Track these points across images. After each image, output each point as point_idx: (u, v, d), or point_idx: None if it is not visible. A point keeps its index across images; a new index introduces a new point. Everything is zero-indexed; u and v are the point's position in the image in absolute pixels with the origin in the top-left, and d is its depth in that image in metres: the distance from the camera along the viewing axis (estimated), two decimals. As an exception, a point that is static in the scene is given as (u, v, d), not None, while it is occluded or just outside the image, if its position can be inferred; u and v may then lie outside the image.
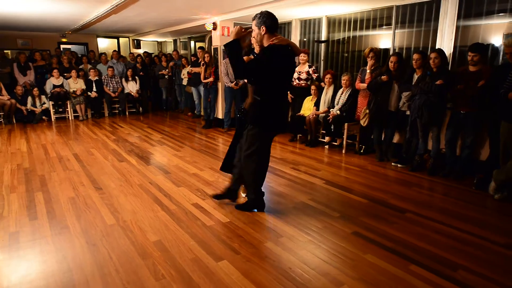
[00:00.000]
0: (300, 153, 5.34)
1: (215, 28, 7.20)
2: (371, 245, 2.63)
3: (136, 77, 8.87)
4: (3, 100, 7.36)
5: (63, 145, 5.74)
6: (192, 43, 11.26)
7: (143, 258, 2.42)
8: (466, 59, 3.92)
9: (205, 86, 7.38)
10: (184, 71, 8.43)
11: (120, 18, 7.39)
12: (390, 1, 5.02)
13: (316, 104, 5.72)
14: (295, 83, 6.03)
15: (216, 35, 7.30)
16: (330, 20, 6.30)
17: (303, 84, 5.96)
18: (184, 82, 8.49)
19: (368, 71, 4.93)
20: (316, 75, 5.93)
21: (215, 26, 7.16)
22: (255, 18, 2.80)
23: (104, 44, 12.58)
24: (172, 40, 12.36)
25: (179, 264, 2.36)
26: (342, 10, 5.84)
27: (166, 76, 9.35)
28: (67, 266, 2.32)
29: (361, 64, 5.77)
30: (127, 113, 8.92)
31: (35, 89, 7.74)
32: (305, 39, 6.86)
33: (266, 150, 3.05)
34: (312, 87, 5.79)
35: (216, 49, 7.34)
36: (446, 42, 4.51)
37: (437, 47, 4.49)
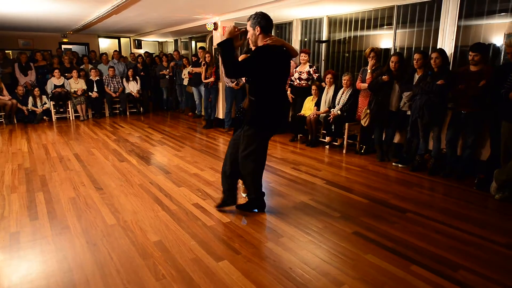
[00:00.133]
0: (300, 153, 5.33)
1: (216, 28, 7.21)
2: (371, 245, 2.63)
3: (137, 77, 8.88)
4: (4, 100, 7.38)
5: (64, 145, 5.75)
6: (193, 43, 11.27)
7: (144, 258, 2.42)
8: (467, 59, 3.91)
9: (206, 86, 7.39)
10: (185, 71, 8.43)
11: (121, 18, 7.40)
12: (391, 1, 5.01)
13: (317, 104, 5.72)
14: (295, 83, 6.03)
15: (217, 35, 7.30)
16: (331, 20, 6.30)
17: (303, 84, 5.96)
18: (185, 82, 8.50)
19: (369, 71, 4.93)
20: (316, 75, 5.93)
21: (216, 26, 7.17)
22: (250, 19, 2.80)
23: (105, 44, 12.60)
24: (173, 40, 12.37)
25: (180, 264, 2.36)
26: (343, 10, 5.84)
27: (167, 76, 9.35)
28: (68, 266, 2.33)
29: (362, 64, 5.77)
30: (127, 113, 8.93)
31: (36, 89, 7.76)
32: (306, 39, 6.85)
33: (263, 150, 3.04)
34: (313, 87, 5.79)
35: (217, 49, 7.35)
36: (447, 42, 4.50)
37: (438, 47, 4.48)
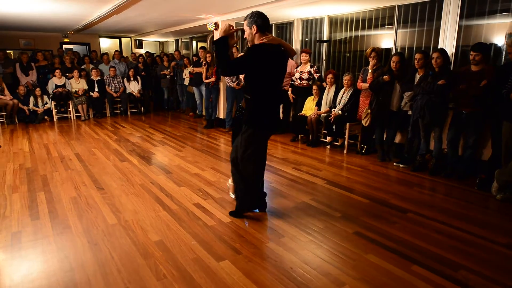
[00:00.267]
0: (301, 153, 5.33)
1: (216, 28, 7.21)
2: (372, 245, 2.63)
3: (138, 77, 8.89)
4: (5, 100, 7.40)
5: (65, 145, 5.75)
6: (194, 43, 11.27)
7: (145, 258, 2.43)
8: (468, 58, 3.91)
9: (206, 86, 7.39)
10: (186, 71, 8.43)
11: (122, 18, 7.41)
12: (392, 0, 5.00)
13: (318, 104, 5.71)
14: (296, 83, 6.03)
15: (217, 35, 7.31)
16: (332, 20, 6.30)
17: (304, 84, 5.96)
18: (186, 82, 8.50)
19: (370, 71, 4.92)
20: (317, 75, 5.93)
21: (216, 26, 7.17)
22: (247, 18, 2.79)
23: (106, 44, 12.61)
24: (174, 40, 12.38)
25: (181, 264, 2.36)
26: (344, 10, 5.84)
27: (168, 76, 9.36)
28: (69, 266, 2.33)
29: (363, 64, 5.76)
30: (129, 113, 8.94)
31: (37, 89, 7.77)
32: (306, 39, 6.85)
33: (263, 151, 3.00)
34: (314, 87, 5.79)
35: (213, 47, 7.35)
36: (448, 41, 4.49)
37: (439, 47, 4.47)
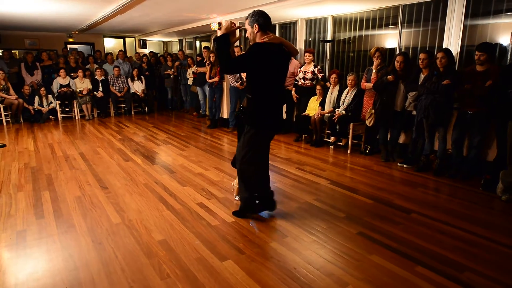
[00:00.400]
0: (305, 153, 5.33)
1: (220, 28, 7.19)
2: (376, 245, 2.62)
3: (141, 76, 8.91)
4: (11, 99, 7.45)
5: (70, 144, 5.78)
6: (198, 42, 11.30)
7: (148, 257, 2.44)
8: (473, 58, 3.88)
9: (210, 86, 7.40)
10: (190, 71, 8.45)
11: (126, 18, 7.44)
12: (397, 0, 4.98)
13: (322, 104, 5.70)
14: (300, 83, 6.02)
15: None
16: (336, 19, 6.28)
17: (308, 84, 5.95)
18: (190, 82, 8.51)
19: (374, 70, 4.91)
20: (321, 74, 5.92)
21: (220, 25, 7.16)
22: (248, 17, 2.79)
23: (110, 44, 12.67)
24: (177, 40, 12.41)
25: (184, 264, 2.36)
26: (348, 9, 5.82)
27: (172, 76, 9.38)
28: (73, 265, 2.34)
29: (367, 64, 5.74)
30: (132, 112, 8.97)
31: (42, 88, 7.81)
32: (310, 39, 6.84)
33: (264, 152, 2.99)
34: (318, 87, 5.78)
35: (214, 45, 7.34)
36: (453, 41, 4.47)
37: (444, 47, 4.45)
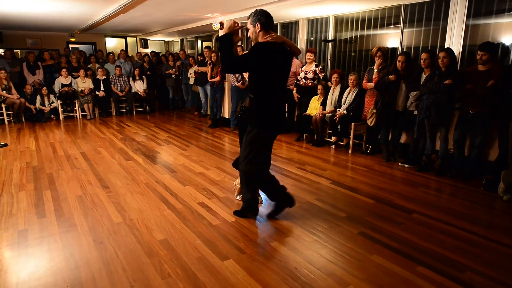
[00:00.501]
0: (306, 152, 5.32)
1: (222, 28, 7.21)
2: (377, 245, 2.62)
3: (143, 76, 8.92)
4: (12, 99, 7.47)
5: (71, 143, 5.80)
6: (199, 42, 11.30)
7: (149, 257, 2.44)
8: (476, 58, 3.87)
9: (211, 86, 7.40)
10: (191, 71, 8.45)
11: (127, 18, 7.44)
12: (398, -1, 4.98)
13: (323, 104, 5.70)
14: (301, 83, 6.01)
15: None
16: (338, 19, 6.27)
17: (309, 84, 5.94)
18: (191, 82, 8.52)
19: (375, 70, 4.90)
20: (323, 74, 5.91)
21: (222, 25, 7.17)
22: (250, 17, 2.78)
23: (112, 43, 12.69)
24: (179, 40, 12.41)
25: (185, 263, 2.37)
26: (349, 9, 5.81)
27: (173, 76, 9.39)
28: (75, 264, 2.35)
29: (368, 64, 5.74)
30: (134, 112, 8.98)
31: (44, 88, 7.84)
32: (312, 38, 6.83)
33: (267, 152, 2.97)
34: (319, 86, 5.77)
35: (216, 44, 7.33)
36: (455, 41, 4.46)
37: (446, 46, 4.44)
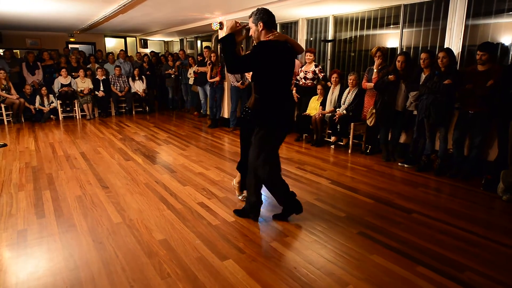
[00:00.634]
0: (306, 152, 5.32)
1: (221, 28, 7.21)
2: (377, 245, 2.62)
3: (142, 76, 8.92)
4: (12, 99, 7.46)
5: (71, 144, 5.79)
6: (199, 42, 11.29)
7: (149, 257, 2.44)
8: (475, 58, 3.88)
9: (211, 86, 7.40)
10: (191, 71, 8.45)
11: (127, 18, 7.44)
12: (398, -1, 4.98)
13: (322, 104, 5.70)
14: (301, 83, 6.01)
15: (222, 35, 7.30)
16: (337, 19, 6.27)
17: (309, 84, 5.94)
18: (191, 82, 8.52)
19: (375, 70, 4.90)
20: (322, 74, 5.91)
21: (221, 25, 7.16)
22: (252, 15, 2.77)
23: (112, 43, 12.68)
24: (178, 40, 12.41)
25: (185, 263, 2.36)
26: (349, 9, 5.81)
27: (173, 76, 9.38)
28: (74, 264, 2.35)
29: (368, 64, 5.74)
30: (133, 112, 8.98)
31: (43, 88, 7.83)
32: (311, 39, 6.83)
33: (277, 152, 2.95)
34: (319, 86, 5.78)
35: (217, 45, 7.32)
36: (454, 41, 4.46)
37: (445, 46, 4.44)
